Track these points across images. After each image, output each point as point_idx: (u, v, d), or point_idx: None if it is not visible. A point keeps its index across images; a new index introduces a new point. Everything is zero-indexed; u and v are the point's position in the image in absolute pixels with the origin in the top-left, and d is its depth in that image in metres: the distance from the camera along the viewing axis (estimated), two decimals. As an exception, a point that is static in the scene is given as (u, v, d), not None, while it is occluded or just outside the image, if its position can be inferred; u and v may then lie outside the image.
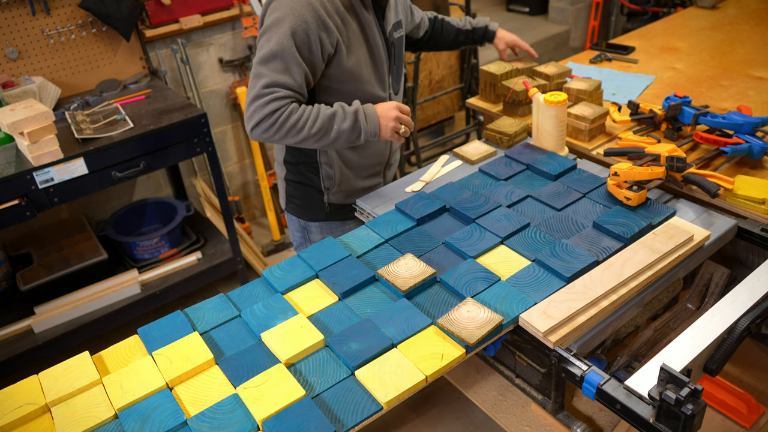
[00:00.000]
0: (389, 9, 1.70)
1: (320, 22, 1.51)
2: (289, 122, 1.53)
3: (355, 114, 1.57)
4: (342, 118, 1.56)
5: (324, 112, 1.56)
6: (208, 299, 1.39)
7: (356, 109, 1.58)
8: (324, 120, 1.55)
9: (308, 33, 1.51)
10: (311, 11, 1.50)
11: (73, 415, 1.12)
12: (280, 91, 1.52)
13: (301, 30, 1.50)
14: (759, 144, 1.66)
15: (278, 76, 1.52)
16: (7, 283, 2.66)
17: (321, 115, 1.55)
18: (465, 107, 3.80)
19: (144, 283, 2.71)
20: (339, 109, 1.57)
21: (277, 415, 1.08)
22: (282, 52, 1.51)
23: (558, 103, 1.70)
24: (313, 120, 1.54)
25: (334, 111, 1.57)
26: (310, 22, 1.50)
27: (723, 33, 2.66)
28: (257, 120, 1.54)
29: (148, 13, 2.79)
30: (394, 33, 1.72)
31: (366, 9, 1.61)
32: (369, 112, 1.59)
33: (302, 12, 1.50)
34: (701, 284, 1.71)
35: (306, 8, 1.50)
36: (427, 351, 1.19)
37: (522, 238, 1.47)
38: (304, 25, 1.50)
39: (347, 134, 1.57)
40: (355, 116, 1.57)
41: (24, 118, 2.10)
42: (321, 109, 1.56)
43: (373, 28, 1.63)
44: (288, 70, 1.52)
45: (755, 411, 1.57)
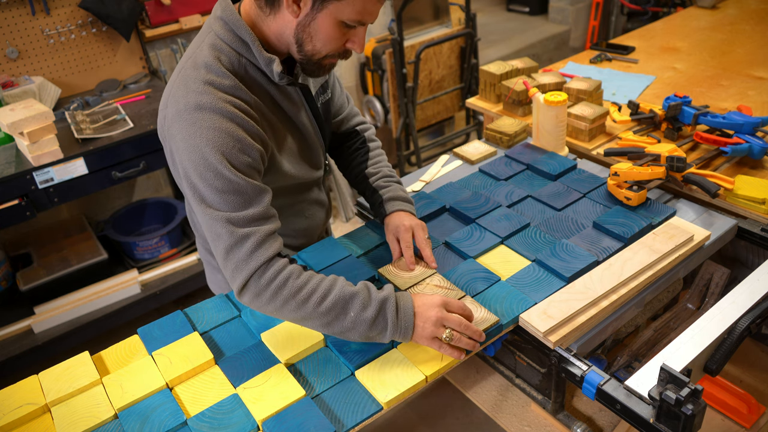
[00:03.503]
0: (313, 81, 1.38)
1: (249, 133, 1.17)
2: (288, 288, 1.12)
3: (383, 303, 1.14)
4: (364, 304, 1.13)
5: (342, 289, 1.14)
6: (208, 299, 1.39)
7: (386, 296, 1.15)
8: (338, 299, 1.13)
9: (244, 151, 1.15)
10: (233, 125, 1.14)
11: (73, 415, 1.12)
12: (258, 231, 1.14)
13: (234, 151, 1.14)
14: (759, 144, 1.66)
15: (245, 212, 1.14)
16: (7, 283, 2.66)
17: (336, 290, 1.14)
18: (465, 107, 3.80)
19: (144, 283, 2.71)
20: (364, 291, 1.15)
21: (277, 415, 1.08)
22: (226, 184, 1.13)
23: (558, 103, 1.70)
24: (323, 293, 1.13)
25: (357, 292, 1.15)
26: (240, 139, 1.15)
27: (723, 33, 2.66)
28: (245, 278, 1.13)
29: (148, 13, 2.79)
30: (319, 99, 1.40)
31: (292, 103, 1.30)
32: (403, 305, 1.16)
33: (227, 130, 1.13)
34: (701, 284, 1.71)
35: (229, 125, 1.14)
36: (427, 351, 1.19)
37: (522, 238, 1.47)
38: (234, 144, 1.14)
39: (367, 327, 1.13)
40: (382, 305, 1.14)
41: (24, 118, 2.10)
42: (338, 282, 1.16)
43: (305, 121, 1.34)
44: (249, 200, 1.15)
45: (755, 411, 1.57)
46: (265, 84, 1.24)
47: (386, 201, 1.45)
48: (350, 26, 1.16)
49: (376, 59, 3.46)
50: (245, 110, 1.18)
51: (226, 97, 1.16)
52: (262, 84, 1.24)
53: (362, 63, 3.60)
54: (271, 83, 1.25)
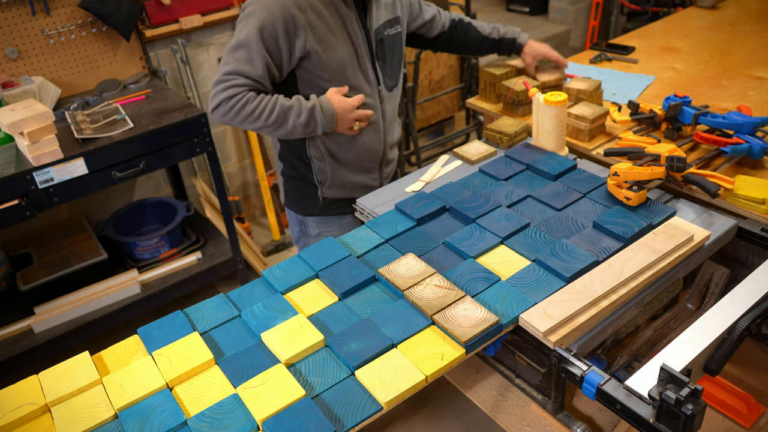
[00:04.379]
0: (376, 6, 1.72)
1: (290, 19, 1.58)
2: (246, 110, 1.61)
3: (311, 110, 1.65)
4: (297, 113, 1.64)
5: (281, 103, 1.63)
6: (208, 299, 1.39)
7: (313, 105, 1.65)
8: (279, 111, 1.63)
9: (276, 28, 1.57)
10: (282, 8, 1.57)
11: (73, 415, 1.12)
12: (239, 79, 1.61)
13: (269, 24, 1.57)
14: (759, 144, 1.66)
15: (240, 65, 1.60)
16: (7, 283, 2.66)
17: (278, 106, 1.63)
18: (465, 107, 3.80)
19: (144, 283, 2.71)
20: (296, 103, 1.65)
21: (277, 415, 1.08)
22: (248, 43, 1.59)
23: (558, 103, 1.70)
24: (269, 110, 1.62)
25: (291, 105, 1.64)
26: (278, 18, 1.56)
27: (723, 33, 2.66)
28: (216, 103, 1.63)
29: (148, 13, 2.79)
30: (386, 30, 1.75)
31: (347, 5, 1.65)
32: (326, 108, 1.66)
33: (273, 8, 1.56)
34: (701, 284, 1.71)
35: (277, 5, 1.56)
36: (427, 351, 1.19)
37: (522, 238, 1.47)
38: (272, 19, 1.56)
39: (302, 128, 1.66)
40: (311, 112, 1.65)
41: (24, 118, 2.10)
42: (279, 100, 1.64)
43: (354, 23, 1.67)
44: (251, 61, 1.60)
45: (755, 411, 1.57)
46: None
47: (517, 37, 2.01)
48: None
49: (376, 59, 3.45)
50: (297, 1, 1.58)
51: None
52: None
53: (362, 63, 3.60)
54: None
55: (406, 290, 1.32)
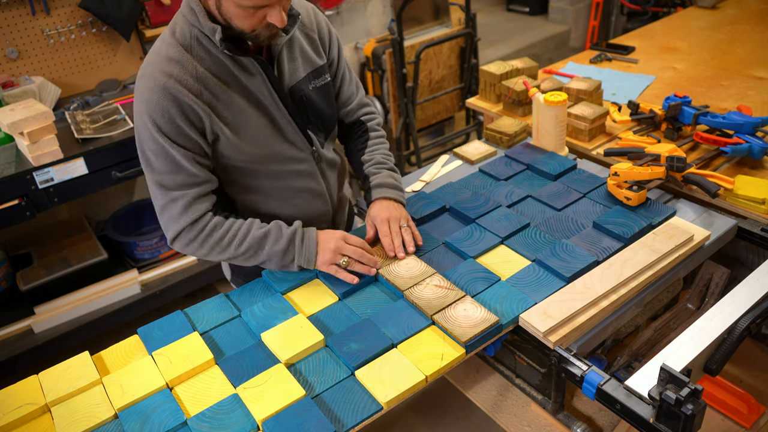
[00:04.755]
0: (289, 60, 1.40)
1: (188, 108, 1.28)
2: (213, 238, 1.34)
3: (291, 237, 1.36)
4: (275, 239, 1.36)
5: (255, 230, 1.36)
6: (208, 299, 1.39)
7: (294, 230, 1.37)
8: (253, 240, 1.35)
9: (176, 123, 1.27)
10: (172, 99, 1.26)
11: (73, 415, 1.12)
12: (186, 194, 1.32)
13: (166, 123, 1.27)
14: (759, 144, 1.66)
15: (174, 177, 1.31)
16: (7, 283, 2.66)
17: (251, 234, 1.35)
18: (465, 107, 3.80)
19: (144, 283, 2.71)
20: (274, 229, 1.37)
21: (277, 415, 1.08)
22: (160, 150, 1.29)
23: (558, 103, 1.70)
24: (241, 238, 1.35)
25: (268, 230, 1.36)
26: (171, 108, 1.26)
27: (723, 33, 2.66)
28: (175, 233, 1.34)
29: (148, 13, 2.79)
30: (310, 84, 1.43)
31: (249, 73, 1.33)
32: (307, 237, 1.38)
33: (162, 102, 1.26)
34: (701, 284, 1.71)
35: (165, 97, 1.26)
36: (427, 351, 1.19)
37: (522, 238, 1.47)
38: (168, 116, 1.27)
39: (279, 257, 1.36)
40: (291, 238, 1.36)
41: (24, 118, 2.10)
42: (252, 226, 1.36)
43: (263, 90, 1.35)
44: (179, 166, 1.30)
45: (755, 411, 1.57)
46: (217, 54, 1.30)
47: (372, 188, 1.53)
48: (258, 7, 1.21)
49: (376, 59, 3.46)
50: (185, 83, 1.27)
51: (168, 69, 1.27)
52: (216, 55, 1.30)
53: (362, 63, 3.60)
54: (223, 53, 1.30)
55: (406, 290, 1.32)
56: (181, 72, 1.27)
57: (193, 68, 1.28)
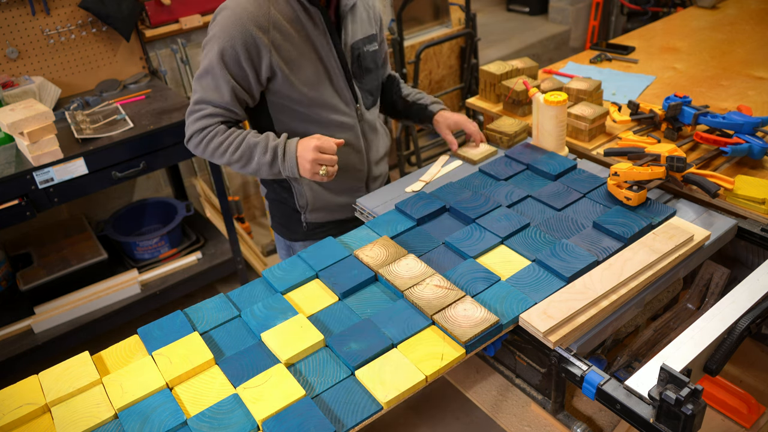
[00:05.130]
0: (352, 22, 1.64)
1: (251, 40, 1.49)
2: (213, 143, 1.55)
3: (275, 149, 1.54)
4: (263, 151, 1.54)
5: (248, 140, 1.55)
6: (208, 299, 1.39)
7: (277, 144, 1.54)
8: (245, 148, 1.54)
9: (236, 51, 1.49)
10: (242, 30, 1.48)
11: (73, 415, 1.12)
12: (207, 108, 1.55)
13: (229, 48, 1.49)
14: (759, 144, 1.66)
15: (207, 93, 1.54)
16: (7, 283, 2.66)
17: (244, 142, 1.55)
18: (465, 107, 3.80)
19: (144, 283, 2.71)
20: (262, 140, 1.55)
21: (277, 415, 1.08)
22: (211, 70, 1.52)
23: (558, 103, 1.70)
24: (236, 146, 1.54)
25: (257, 141, 1.55)
26: (238, 40, 1.49)
27: (723, 33, 2.66)
28: (189, 135, 1.59)
29: (148, 13, 2.79)
30: (364, 46, 1.67)
31: (314, 24, 1.55)
32: (288, 150, 1.54)
33: (232, 31, 1.48)
34: (701, 284, 1.71)
35: (237, 27, 1.48)
36: (427, 351, 1.19)
37: (522, 238, 1.47)
38: (232, 42, 1.49)
39: (267, 167, 1.55)
40: (275, 151, 1.54)
41: (24, 118, 2.10)
42: (247, 136, 1.55)
43: (323, 42, 1.57)
44: (218, 88, 1.53)
45: (755, 411, 1.57)
46: (291, 1, 1.53)
47: (429, 105, 1.86)
48: None
49: (376, 59, 3.45)
50: (255, 18, 1.49)
51: (244, 3, 1.50)
52: (289, 1, 1.53)
53: (362, 63, 3.60)
54: (298, 2, 1.52)
55: (406, 290, 1.32)
56: (257, 10, 1.49)
57: (267, 8, 1.50)
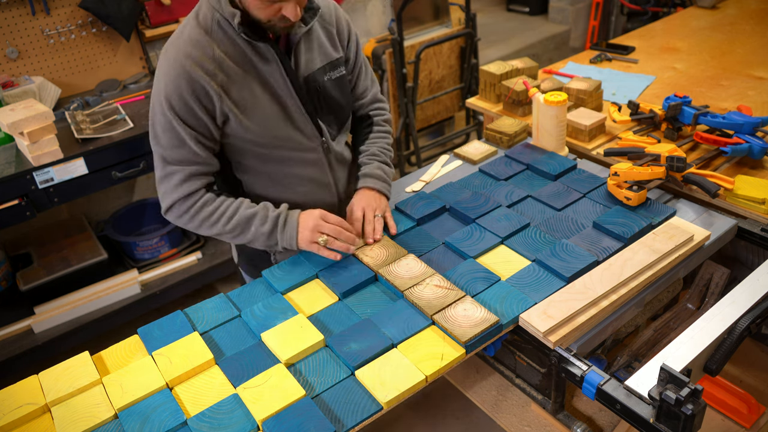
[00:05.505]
0: (306, 50, 1.46)
1: (200, 88, 1.34)
2: (202, 214, 1.40)
3: (276, 219, 1.42)
4: (261, 221, 1.41)
5: (243, 210, 1.42)
6: (208, 299, 1.39)
7: (279, 213, 1.42)
8: (240, 219, 1.41)
9: (188, 103, 1.34)
10: (187, 78, 1.33)
11: (73, 415, 1.12)
12: (181, 171, 1.38)
13: (179, 100, 1.34)
14: (759, 144, 1.66)
15: (174, 153, 1.37)
16: (7, 283, 2.66)
17: (239, 213, 1.41)
18: (465, 107, 3.80)
19: (144, 283, 2.71)
20: (261, 210, 1.42)
21: (277, 415, 1.08)
22: (169, 126, 1.36)
23: (558, 103, 1.70)
24: (228, 216, 1.41)
25: (255, 211, 1.42)
26: (186, 90, 1.33)
27: (723, 33, 2.66)
28: (167, 205, 1.42)
29: (148, 13, 2.79)
30: (325, 75, 1.49)
31: (264, 60, 1.39)
32: (290, 219, 1.43)
33: (178, 81, 1.33)
34: (701, 284, 1.71)
35: (182, 76, 1.33)
36: (427, 351, 1.19)
37: (522, 238, 1.47)
38: (180, 93, 1.33)
39: (264, 238, 1.42)
40: (275, 221, 1.42)
41: (24, 118, 2.10)
42: (241, 206, 1.42)
43: (277, 77, 1.41)
44: (182, 144, 1.37)
45: (755, 411, 1.57)
46: (236, 38, 1.37)
47: (360, 177, 1.60)
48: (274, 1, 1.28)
49: (376, 59, 3.46)
50: (200, 63, 1.34)
51: (186, 48, 1.34)
52: (235, 39, 1.37)
53: (362, 63, 3.60)
54: (241, 38, 1.37)
55: (406, 290, 1.32)
56: (200, 53, 1.34)
57: (212, 50, 1.35)
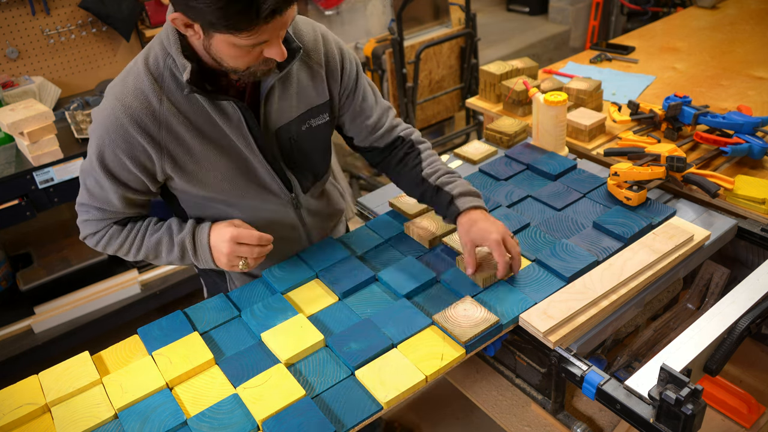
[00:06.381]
0: (280, 99, 1.28)
1: (138, 147, 1.21)
2: (112, 247, 1.36)
3: (182, 244, 1.33)
4: (168, 248, 1.34)
5: (149, 238, 1.34)
6: (208, 299, 1.39)
7: (183, 237, 1.33)
8: (148, 248, 1.34)
9: (121, 159, 1.22)
10: (123, 135, 1.19)
11: (73, 415, 1.12)
12: (92, 213, 1.32)
13: (111, 155, 1.22)
14: (759, 144, 1.66)
15: (94, 197, 1.30)
16: (7, 283, 2.66)
17: (145, 240, 1.34)
18: (465, 107, 3.80)
19: (144, 283, 2.71)
20: (164, 235, 1.34)
21: (277, 415, 1.08)
22: (95, 173, 1.25)
23: (558, 103, 1.70)
24: (137, 246, 1.35)
25: (159, 238, 1.34)
26: (120, 147, 1.20)
27: (723, 33, 2.66)
28: (83, 235, 1.38)
29: (148, 13, 2.79)
30: (302, 126, 1.33)
31: (227, 118, 1.23)
32: (200, 242, 1.32)
33: (113, 135, 1.20)
34: (701, 284, 1.71)
35: (117, 131, 1.19)
36: (427, 351, 1.19)
37: (522, 238, 1.47)
38: (113, 148, 1.21)
39: (179, 262, 1.36)
40: (182, 246, 1.33)
41: (24, 118, 2.10)
42: (147, 233, 1.34)
43: (239, 135, 1.25)
44: (105, 195, 1.28)
45: (755, 411, 1.57)
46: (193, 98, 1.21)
47: (456, 197, 1.36)
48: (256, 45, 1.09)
49: (376, 59, 3.46)
50: (139, 119, 1.19)
51: (127, 99, 1.19)
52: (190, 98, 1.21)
53: (362, 63, 3.61)
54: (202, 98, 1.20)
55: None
56: (142, 107, 1.18)
57: (157, 103, 1.19)
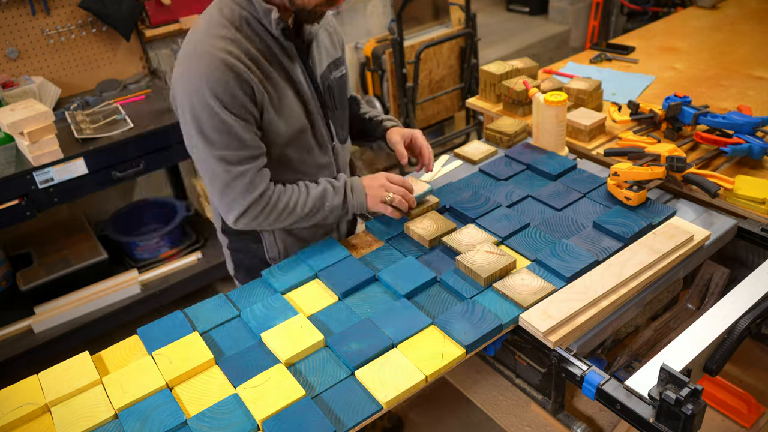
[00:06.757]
0: (318, 49, 1.47)
1: (244, 80, 1.30)
2: (280, 205, 1.39)
3: (344, 188, 1.46)
4: (333, 194, 1.44)
5: (313, 190, 1.44)
6: (208, 299, 1.39)
7: (344, 182, 1.47)
8: (315, 199, 1.42)
9: (233, 93, 1.29)
10: (229, 69, 1.28)
11: (73, 415, 1.12)
12: (251, 168, 1.34)
13: (224, 92, 1.28)
14: (759, 144, 1.66)
15: (237, 151, 1.32)
16: (7, 283, 2.66)
17: (311, 194, 1.43)
18: (465, 107, 3.80)
19: (144, 283, 2.71)
20: (328, 186, 1.45)
21: (277, 415, 1.08)
22: (220, 124, 1.29)
23: (558, 103, 1.70)
24: (304, 200, 1.42)
25: (324, 188, 1.44)
26: (233, 83, 1.28)
27: (723, 33, 2.66)
28: (242, 209, 1.37)
29: (148, 13, 2.79)
30: (332, 73, 1.51)
31: (289, 57, 1.39)
32: (356, 186, 1.47)
33: (219, 74, 1.27)
34: (701, 284, 1.71)
35: (222, 68, 1.27)
36: (427, 351, 1.19)
37: (522, 238, 1.47)
38: (226, 87, 1.28)
39: (338, 210, 1.46)
40: (344, 191, 1.45)
41: (24, 118, 2.10)
42: (309, 188, 1.44)
43: (299, 75, 1.41)
44: (241, 140, 1.32)
45: (755, 411, 1.57)
46: (264, 36, 1.35)
47: (384, 121, 1.65)
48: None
49: (376, 59, 3.46)
50: (239, 57, 1.30)
51: (222, 44, 1.30)
52: (262, 36, 1.35)
53: (362, 63, 3.60)
54: (270, 36, 1.35)
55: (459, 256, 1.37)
56: (236, 48, 1.31)
57: (245, 46, 1.32)
